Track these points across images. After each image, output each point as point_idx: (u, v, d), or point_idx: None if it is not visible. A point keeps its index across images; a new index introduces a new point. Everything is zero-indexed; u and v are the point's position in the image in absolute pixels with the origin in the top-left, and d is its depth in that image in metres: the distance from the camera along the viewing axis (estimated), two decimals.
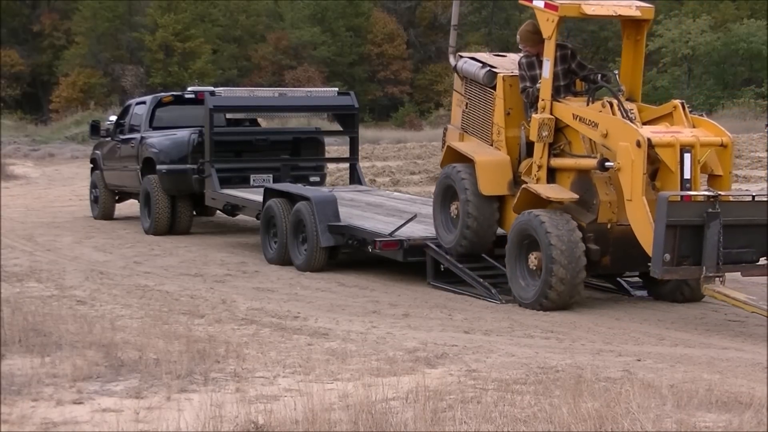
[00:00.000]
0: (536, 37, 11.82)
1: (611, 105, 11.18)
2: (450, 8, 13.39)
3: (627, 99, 11.62)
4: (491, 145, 12.48)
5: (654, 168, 10.90)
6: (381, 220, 14.07)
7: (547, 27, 11.52)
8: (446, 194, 12.75)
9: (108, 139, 19.74)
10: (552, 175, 11.80)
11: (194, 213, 18.24)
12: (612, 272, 12.22)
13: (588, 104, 11.51)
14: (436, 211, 12.88)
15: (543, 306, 11.23)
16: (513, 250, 11.63)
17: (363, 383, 7.33)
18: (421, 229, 13.23)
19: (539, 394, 7.10)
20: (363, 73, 63.06)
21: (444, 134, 13.46)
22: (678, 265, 10.34)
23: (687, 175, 10.65)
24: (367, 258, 13.97)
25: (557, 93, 11.81)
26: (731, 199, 10.76)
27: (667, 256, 10.21)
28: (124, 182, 19.09)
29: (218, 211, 18.39)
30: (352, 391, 7.05)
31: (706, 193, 10.49)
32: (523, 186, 11.77)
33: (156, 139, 17.84)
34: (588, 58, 54.78)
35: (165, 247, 16.24)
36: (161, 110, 18.47)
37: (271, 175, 17.17)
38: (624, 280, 12.49)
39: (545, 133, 11.59)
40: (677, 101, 11.38)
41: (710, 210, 10.26)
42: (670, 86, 56.82)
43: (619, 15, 11.62)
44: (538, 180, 11.76)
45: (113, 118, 20.25)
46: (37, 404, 6.71)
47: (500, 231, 12.35)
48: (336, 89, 19.93)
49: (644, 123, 11.29)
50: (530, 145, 11.92)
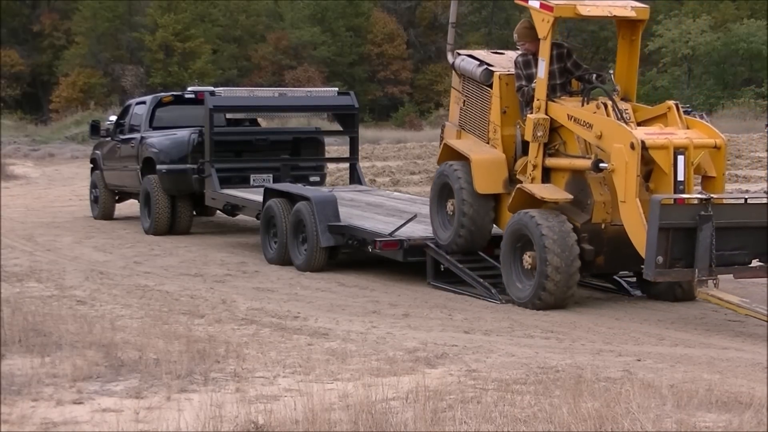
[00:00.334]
0: (534, 34, 11.83)
1: (605, 106, 11.21)
2: (449, 7, 13.38)
3: (622, 99, 11.65)
4: (487, 143, 12.51)
5: (648, 169, 10.91)
6: (381, 220, 14.06)
7: (543, 27, 11.54)
8: (443, 192, 12.77)
9: (108, 139, 19.73)
10: (547, 175, 11.82)
11: (194, 213, 18.23)
12: (606, 272, 12.26)
13: (583, 104, 11.54)
14: (433, 209, 12.92)
15: (537, 305, 11.26)
16: (508, 250, 11.66)
17: (363, 383, 7.32)
18: (421, 229, 13.23)
19: (539, 394, 7.10)
20: (363, 73, 63.05)
21: (442, 131, 13.52)
22: (671, 268, 10.38)
23: (680, 177, 10.68)
24: (367, 258, 13.97)
25: (553, 92, 11.83)
26: (724, 202, 10.77)
27: (660, 259, 10.24)
28: (124, 182, 19.09)
29: (218, 211, 18.39)
30: (352, 391, 7.05)
31: (699, 196, 10.52)
32: (518, 186, 11.80)
33: (156, 139, 17.83)
34: (588, 58, 54.84)
35: (165, 247, 16.24)
36: (161, 110, 18.46)
37: (271, 175, 17.17)
38: (624, 280, 12.49)
39: (540, 133, 11.62)
40: (671, 102, 11.42)
41: (702, 213, 10.29)
42: (670, 86, 56.82)
43: (614, 15, 11.64)
44: (533, 179, 11.79)
45: (113, 118, 20.23)
46: (37, 404, 6.71)
47: (500, 231, 12.36)
48: (336, 89, 19.94)
49: (639, 123, 11.31)
50: (526, 144, 11.94)
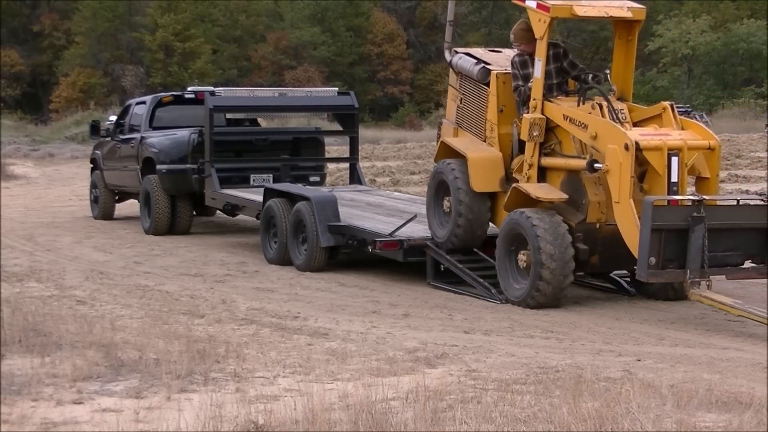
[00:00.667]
0: (530, 35, 11.86)
1: (601, 107, 11.22)
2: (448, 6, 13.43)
3: (618, 99, 11.68)
4: (484, 141, 12.53)
5: (642, 170, 10.93)
6: (381, 220, 14.06)
7: (539, 27, 11.57)
8: (439, 189, 12.81)
9: (108, 139, 19.73)
10: (543, 174, 11.86)
11: (194, 213, 18.23)
12: (601, 271, 12.29)
13: (579, 104, 11.56)
14: (430, 206, 12.97)
15: (532, 304, 11.30)
16: (503, 249, 11.69)
17: (363, 383, 7.32)
18: (421, 229, 13.23)
19: (539, 394, 7.10)
20: (363, 73, 63.08)
21: (439, 128, 13.57)
22: (663, 269, 10.41)
23: (674, 179, 10.72)
24: (367, 258, 13.96)
25: (549, 91, 11.86)
26: (717, 203, 10.79)
27: (653, 260, 10.27)
28: (124, 182, 19.09)
29: (218, 211, 18.39)
30: (352, 391, 7.05)
31: (691, 197, 10.54)
32: (514, 185, 11.83)
33: (156, 139, 17.83)
34: (588, 58, 54.90)
35: (165, 247, 16.23)
36: (161, 110, 18.46)
37: (271, 175, 17.16)
38: (624, 280, 12.49)
39: (536, 133, 11.65)
40: (666, 103, 11.44)
41: (695, 214, 10.31)
42: (670, 86, 56.87)
43: (611, 16, 11.67)
44: (529, 178, 11.82)
45: (113, 118, 20.24)
46: (37, 404, 6.71)
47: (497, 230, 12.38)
48: (336, 89, 19.95)
49: (635, 123, 11.34)
50: (522, 143, 11.98)
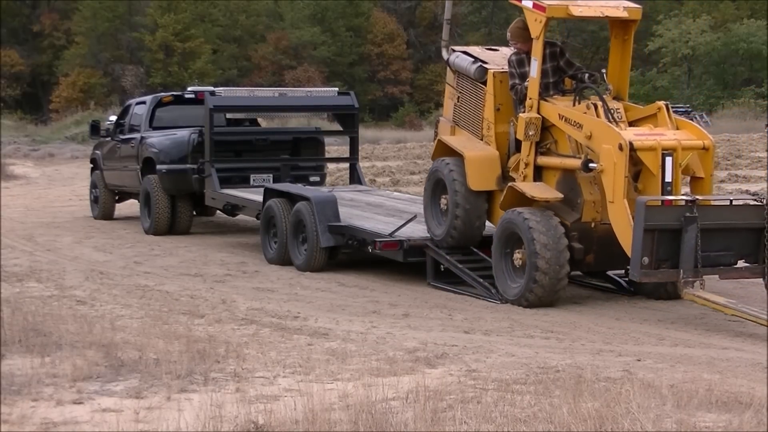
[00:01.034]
0: (526, 34, 11.89)
1: (596, 107, 11.24)
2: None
3: (614, 98, 11.71)
4: (481, 140, 12.55)
5: (637, 169, 10.95)
6: (381, 220, 14.06)
7: (535, 27, 11.59)
8: (436, 187, 12.83)
9: (108, 139, 19.73)
10: (539, 173, 11.88)
11: (194, 213, 18.23)
12: (596, 270, 12.32)
13: (574, 104, 11.57)
14: (427, 204, 13.00)
15: (527, 303, 11.32)
16: (499, 248, 11.71)
17: (363, 383, 7.33)
18: (421, 230, 13.22)
19: (539, 394, 7.10)
20: (363, 73, 63.10)
21: (436, 126, 13.59)
22: (656, 269, 10.43)
23: (668, 179, 10.75)
24: (367, 258, 13.96)
25: (546, 90, 11.88)
26: (710, 203, 10.80)
27: (646, 260, 10.30)
28: (124, 182, 19.08)
29: (218, 211, 18.39)
30: (352, 391, 7.05)
31: (685, 198, 10.55)
32: (510, 184, 11.86)
33: (156, 139, 17.83)
34: (588, 58, 54.89)
35: (165, 247, 16.23)
36: (161, 110, 18.46)
37: (271, 175, 17.16)
38: (623, 279, 12.49)
39: (532, 132, 11.67)
40: (662, 103, 11.44)
41: (688, 214, 10.33)
42: (670, 86, 56.91)
43: (607, 16, 11.68)
44: (525, 177, 11.85)
45: (113, 118, 20.24)
46: (37, 404, 6.71)
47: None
48: (336, 89, 19.95)
49: (630, 123, 11.36)
50: (519, 141, 12.01)
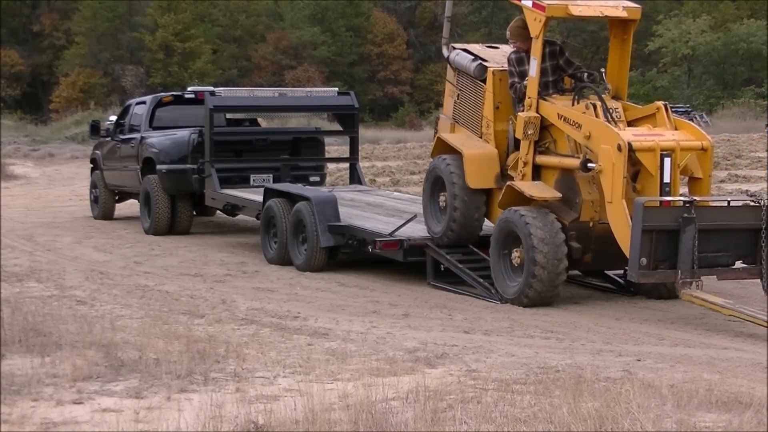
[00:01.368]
0: (526, 33, 11.90)
1: (595, 107, 11.24)
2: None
3: (613, 97, 11.72)
4: (480, 138, 12.55)
5: (636, 170, 10.96)
6: (381, 220, 14.06)
7: (535, 26, 11.60)
8: (435, 185, 12.85)
9: (108, 139, 19.73)
10: (537, 172, 11.89)
11: (194, 213, 18.23)
12: (594, 270, 12.33)
13: (573, 103, 11.58)
14: (426, 202, 13.02)
15: (525, 302, 11.34)
16: (497, 247, 11.72)
17: (363, 383, 7.32)
18: (421, 229, 13.23)
19: (539, 394, 7.10)
20: (363, 73, 63.10)
21: (436, 123, 13.61)
22: (654, 269, 10.45)
23: (667, 179, 10.75)
24: (367, 258, 13.96)
25: (545, 89, 11.89)
26: (708, 204, 10.80)
27: (644, 260, 10.31)
28: (124, 182, 19.09)
29: (218, 211, 18.39)
30: (352, 391, 7.05)
31: (682, 199, 10.55)
32: (508, 183, 11.86)
33: (156, 139, 17.83)
34: (588, 58, 54.90)
35: (165, 247, 16.23)
36: (161, 110, 18.46)
37: (271, 175, 17.16)
38: (623, 279, 12.50)
39: (531, 131, 11.68)
40: (660, 103, 11.45)
41: (686, 215, 10.33)
42: (670, 86, 56.92)
43: (606, 15, 11.69)
44: (524, 176, 11.86)
45: (113, 118, 20.24)
46: (37, 404, 6.71)
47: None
48: (336, 89, 19.94)
49: (629, 122, 11.37)
50: (518, 140, 12.01)
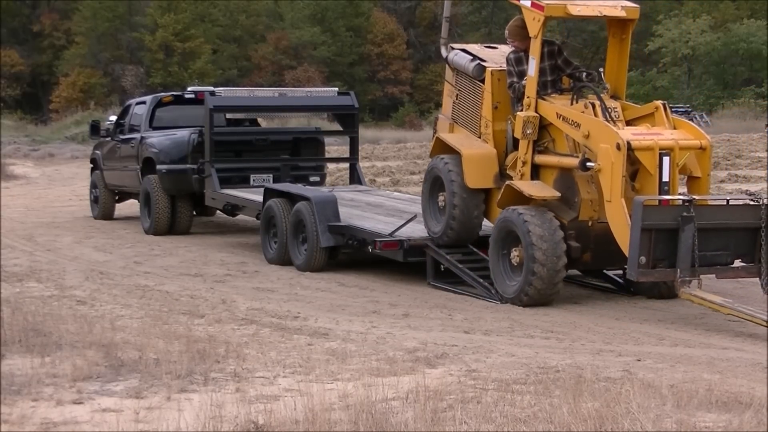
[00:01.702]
0: (524, 32, 11.91)
1: (594, 106, 11.25)
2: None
3: (611, 97, 11.73)
4: (479, 138, 12.56)
5: (634, 169, 10.96)
6: (381, 220, 14.06)
7: (534, 26, 11.60)
8: (434, 185, 12.85)
9: (108, 139, 19.73)
10: (536, 171, 11.90)
11: (194, 213, 18.23)
12: (593, 269, 12.33)
13: (572, 103, 11.58)
14: (425, 201, 13.02)
15: (524, 301, 11.35)
16: (496, 246, 11.73)
17: (363, 383, 7.32)
18: (421, 229, 13.22)
19: (539, 394, 7.10)
20: (363, 73, 63.12)
21: (435, 123, 13.62)
22: (653, 268, 10.44)
23: (665, 178, 10.75)
24: (367, 258, 13.96)
25: (544, 88, 11.89)
26: (707, 203, 10.81)
27: (643, 259, 10.30)
28: (124, 182, 19.09)
29: (218, 211, 18.39)
30: (352, 391, 7.05)
31: (682, 197, 10.56)
32: (507, 182, 11.87)
33: (156, 139, 17.83)
34: (588, 58, 54.89)
35: (165, 247, 16.23)
36: (161, 110, 18.46)
37: (271, 175, 17.17)
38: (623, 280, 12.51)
39: (529, 131, 11.69)
40: (659, 102, 11.46)
41: (685, 214, 10.34)
42: (670, 86, 56.94)
43: (604, 15, 11.70)
44: (523, 176, 11.87)
45: (113, 118, 20.25)
46: (37, 404, 6.71)
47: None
48: (336, 89, 19.93)
49: (627, 122, 11.38)
50: (517, 140, 12.02)
